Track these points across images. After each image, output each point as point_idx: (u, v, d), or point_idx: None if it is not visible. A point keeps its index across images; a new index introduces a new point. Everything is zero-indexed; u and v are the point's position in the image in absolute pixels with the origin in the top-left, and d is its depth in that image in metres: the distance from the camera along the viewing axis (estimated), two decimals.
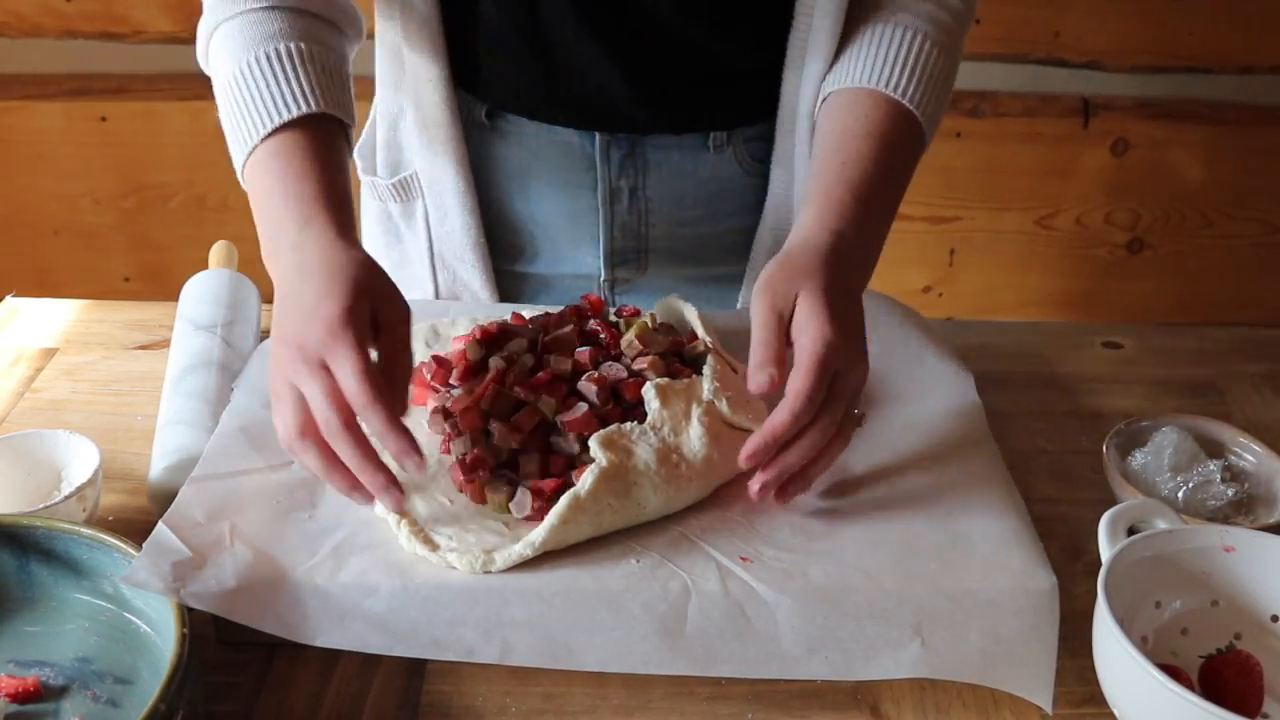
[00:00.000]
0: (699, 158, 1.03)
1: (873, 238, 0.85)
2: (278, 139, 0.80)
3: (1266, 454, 0.84)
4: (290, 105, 0.80)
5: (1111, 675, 0.64)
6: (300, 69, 0.82)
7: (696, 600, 0.69)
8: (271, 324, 0.74)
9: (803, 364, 0.72)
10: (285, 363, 0.71)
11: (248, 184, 0.82)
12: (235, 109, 0.83)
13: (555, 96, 0.99)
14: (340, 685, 0.69)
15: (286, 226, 0.76)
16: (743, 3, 0.95)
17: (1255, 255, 2.25)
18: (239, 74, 0.82)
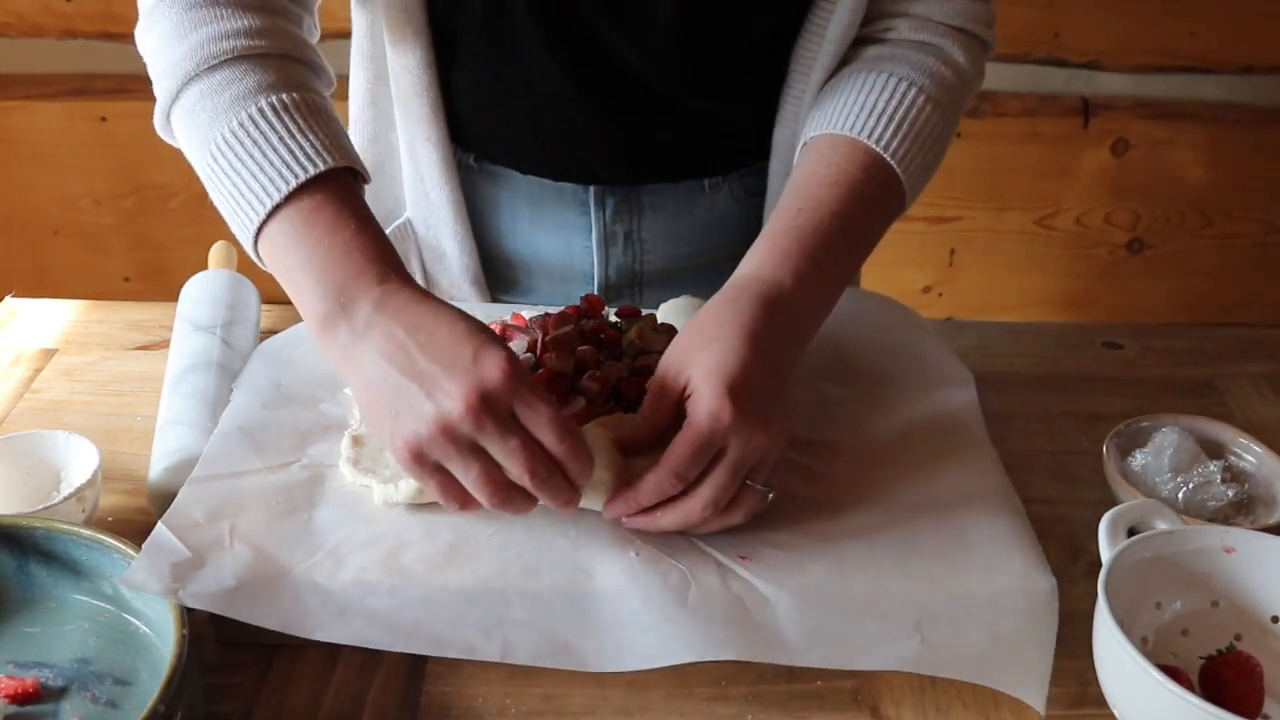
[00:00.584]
0: (695, 199, 1.02)
1: (817, 291, 0.78)
2: (308, 198, 0.72)
3: (1266, 454, 0.84)
4: (309, 160, 0.72)
5: (1111, 676, 0.64)
6: (307, 121, 0.74)
7: (696, 590, 0.69)
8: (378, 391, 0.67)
9: (681, 437, 0.69)
10: (463, 427, 0.64)
11: (270, 252, 0.74)
12: (238, 170, 0.74)
13: (549, 156, 0.98)
14: (340, 685, 0.69)
15: (358, 287, 0.69)
16: (737, 66, 0.94)
17: (1255, 255, 2.25)
18: (234, 133, 0.73)
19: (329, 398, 0.86)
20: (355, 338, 0.69)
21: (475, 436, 0.65)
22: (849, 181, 0.82)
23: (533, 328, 0.85)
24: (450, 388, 0.64)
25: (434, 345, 0.66)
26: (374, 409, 0.68)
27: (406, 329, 0.67)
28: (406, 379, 0.66)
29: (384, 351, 0.67)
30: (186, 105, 0.77)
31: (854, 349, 0.94)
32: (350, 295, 0.70)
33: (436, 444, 0.65)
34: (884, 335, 0.96)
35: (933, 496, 0.78)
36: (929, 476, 0.80)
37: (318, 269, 0.71)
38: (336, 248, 0.71)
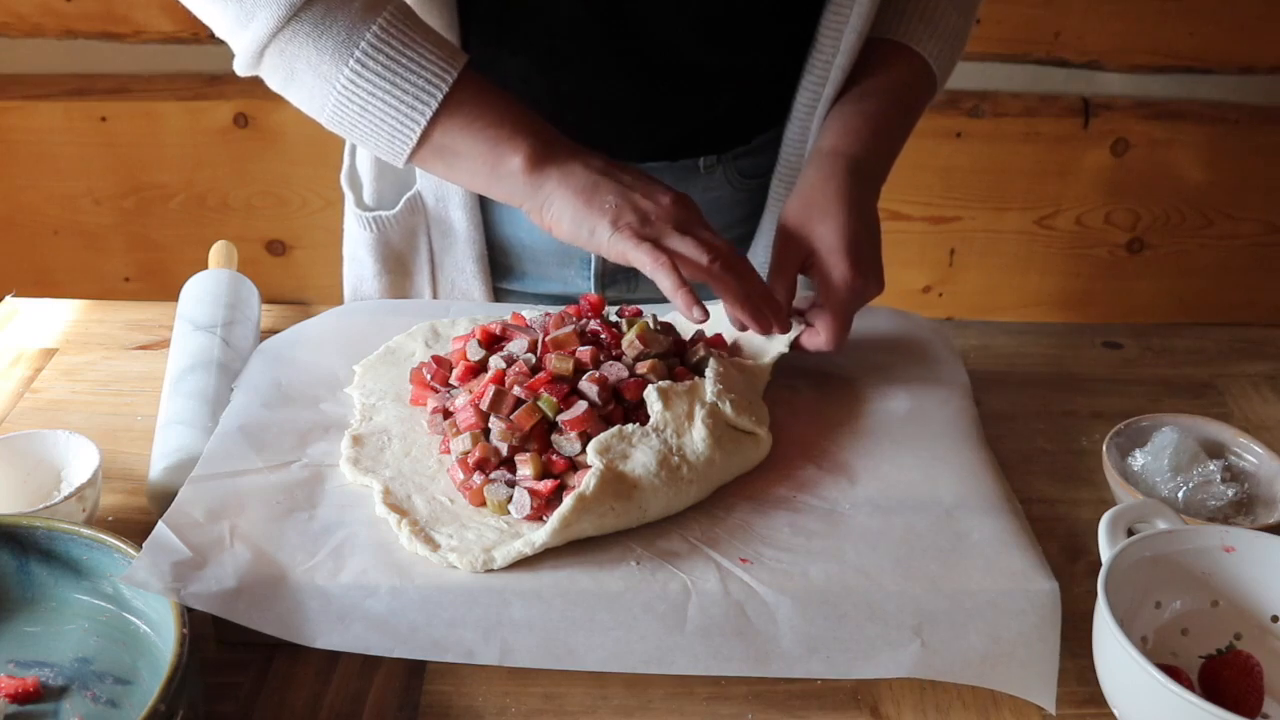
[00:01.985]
0: (690, 180, 1.04)
1: (883, 157, 0.96)
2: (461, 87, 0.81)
3: (1266, 454, 0.84)
4: (454, 54, 0.81)
5: (1111, 675, 0.64)
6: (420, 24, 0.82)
7: (696, 600, 0.69)
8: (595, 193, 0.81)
9: (833, 307, 0.86)
10: (678, 213, 0.82)
11: (450, 136, 0.82)
12: (389, 79, 0.79)
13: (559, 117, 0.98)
14: (340, 685, 0.69)
15: (549, 131, 0.84)
16: (764, 27, 0.96)
17: (1255, 255, 2.25)
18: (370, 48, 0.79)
19: (329, 398, 0.86)
20: (564, 163, 0.83)
21: (685, 223, 0.82)
22: (896, 73, 0.99)
23: (533, 328, 0.85)
24: (659, 191, 0.82)
25: (632, 171, 0.84)
26: (590, 209, 0.81)
27: (604, 160, 0.84)
28: (626, 184, 0.82)
29: (594, 169, 0.83)
30: (313, 20, 0.79)
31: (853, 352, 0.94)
32: (549, 137, 0.84)
33: (655, 225, 0.80)
34: (881, 338, 0.96)
35: (932, 498, 0.78)
36: (928, 478, 0.80)
37: (513, 122, 0.83)
38: (518, 107, 0.84)
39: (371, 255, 1.07)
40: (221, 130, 2.04)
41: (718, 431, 0.77)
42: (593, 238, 0.81)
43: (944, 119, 2.06)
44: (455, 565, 0.70)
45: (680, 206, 0.82)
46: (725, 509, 0.76)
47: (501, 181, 0.83)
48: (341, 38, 0.79)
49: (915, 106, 1.01)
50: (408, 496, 0.75)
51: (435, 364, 0.84)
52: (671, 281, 0.79)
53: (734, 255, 0.83)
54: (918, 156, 2.06)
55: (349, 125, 0.82)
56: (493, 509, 0.74)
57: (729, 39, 0.95)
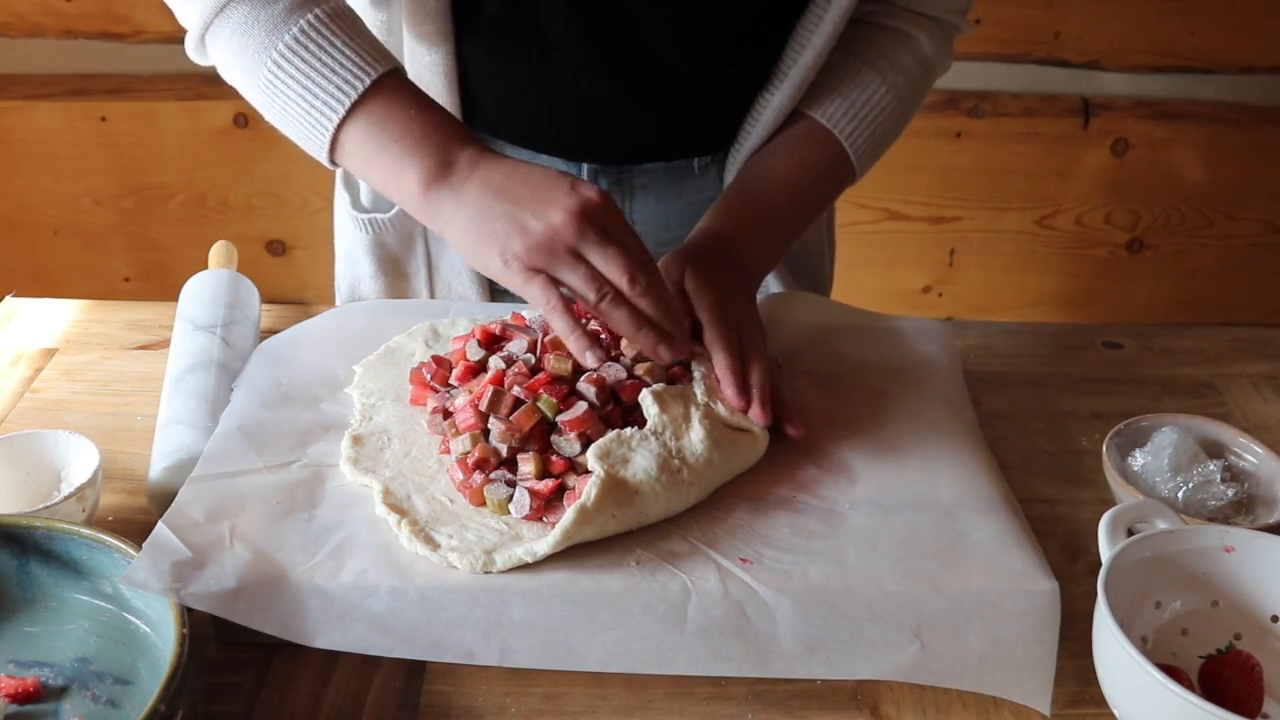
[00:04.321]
0: (684, 181, 1.04)
1: (762, 242, 0.92)
2: (374, 95, 0.79)
3: (1266, 454, 0.84)
4: (374, 60, 0.79)
5: (1111, 675, 0.64)
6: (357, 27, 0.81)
7: (696, 600, 0.69)
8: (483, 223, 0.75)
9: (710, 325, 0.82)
10: (567, 235, 0.73)
11: (356, 146, 0.80)
12: (301, 82, 0.79)
13: (555, 126, 0.99)
14: (340, 685, 0.69)
15: (455, 144, 0.79)
16: (747, 38, 0.96)
17: (1255, 255, 2.25)
18: (286, 50, 0.79)
19: (329, 397, 0.86)
20: (459, 184, 0.78)
21: (578, 244, 0.74)
22: (801, 154, 0.96)
23: (533, 328, 0.85)
24: (553, 206, 0.74)
25: (532, 181, 0.76)
26: (480, 240, 0.76)
27: (504, 173, 0.77)
28: (513, 206, 0.75)
29: (489, 189, 0.77)
30: (239, 18, 0.80)
31: (853, 352, 0.94)
32: (449, 154, 0.79)
33: (543, 252, 0.74)
34: (882, 338, 0.96)
35: (932, 498, 0.78)
36: (928, 478, 0.80)
37: (415, 137, 0.79)
38: (424, 120, 0.79)
39: (368, 257, 1.07)
40: (221, 130, 2.04)
41: (715, 432, 0.77)
42: (487, 269, 0.76)
43: (944, 119, 2.06)
44: (455, 565, 0.70)
45: (575, 221, 0.74)
46: (725, 509, 0.76)
47: (403, 199, 0.80)
48: (264, 34, 0.79)
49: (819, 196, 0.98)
50: (408, 496, 0.75)
51: (435, 364, 0.84)
52: (564, 324, 0.76)
53: (633, 278, 0.75)
54: (918, 157, 2.07)
55: (277, 121, 0.82)
56: (493, 509, 0.74)
57: (711, 52, 0.96)
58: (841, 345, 0.94)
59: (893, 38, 0.97)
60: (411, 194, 0.78)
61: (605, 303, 0.75)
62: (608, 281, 0.75)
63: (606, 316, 0.75)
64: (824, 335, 0.95)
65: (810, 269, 1.14)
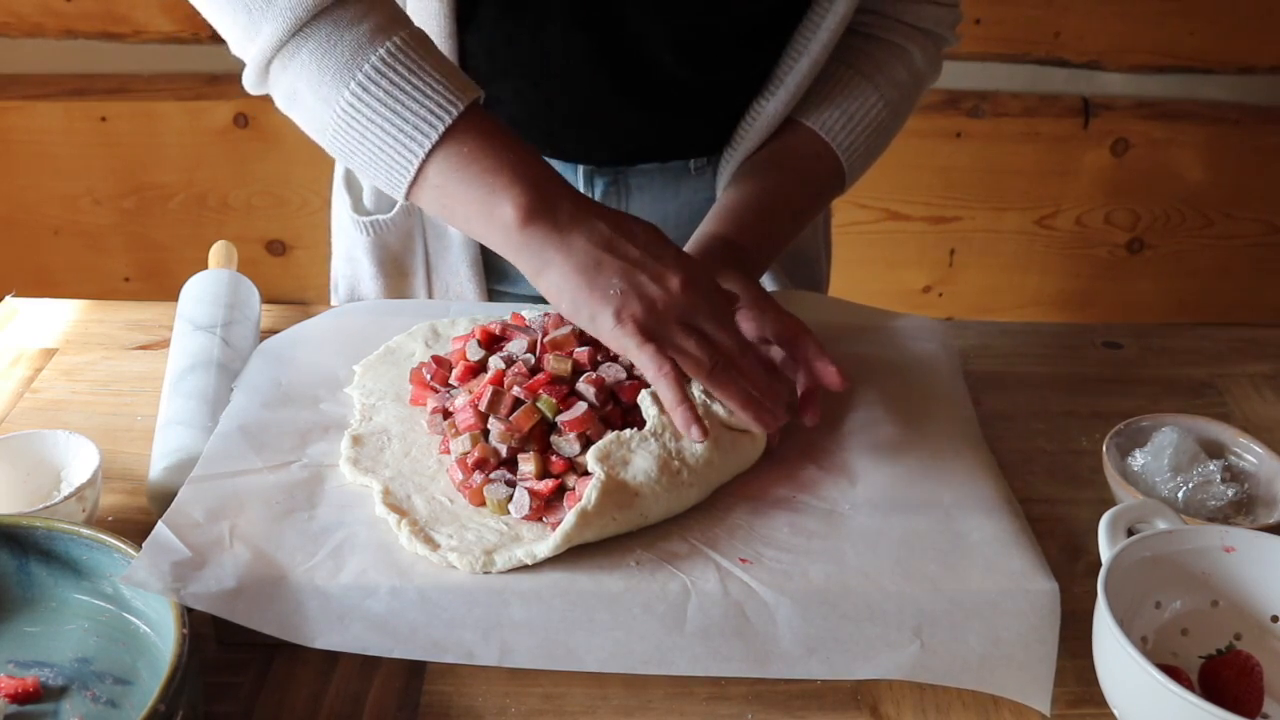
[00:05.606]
0: (681, 182, 1.05)
1: (760, 247, 0.93)
2: (464, 126, 0.75)
3: (1266, 454, 0.84)
4: (461, 88, 0.75)
5: (1111, 676, 0.64)
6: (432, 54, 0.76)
7: (696, 600, 0.69)
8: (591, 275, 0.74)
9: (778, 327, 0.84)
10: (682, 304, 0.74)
11: (445, 178, 0.75)
12: (390, 107, 0.74)
13: (552, 129, 0.99)
14: (340, 685, 0.69)
15: (554, 185, 0.76)
16: (746, 45, 0.97)
17: (1255, 255, 2.25)
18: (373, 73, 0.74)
19: (329, 397, 0.86)
20: (561, 229, 0.75)
21: (691, 315, 0.75)
22: (797, 163, 0.97)
23: (533, 328, 0.85)
24: (668, 274, 0.74)
25: (640, 241, 0.75)
26: (590, 292, 0.74)
27: (610, 225, 0.75)
28: (626, 266, 0.74)
29: (597, 240, 0.74)
30: (314, 44, 0.74)
31: (853, 352, 0.94)
32: (550, 191, 0.75)
33: (660, 318, 0.73)
34: (882, 338, 0.96)
35: (932, 498, 0.78)
36: (928, 478, 0.80)
37: (511, 169, 0.75)
38: (521, 153, 0.76)
39: (369, 258, 1.07)
40: (221, 130, 2.04)
41: (714, 432, 0.77)
42: (593, 324, 0.74)
43: (944, 119, 2.06)
44: (455, 565, 0.70)
45: (689, 290, 0.75)
46: (725, 509, 0.76)
47: (494, 233, 0.76)
48: (345, 59, 0.74)
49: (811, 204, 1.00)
50: (407, 496, 0.75)
51: (435, 364, 0.84)
52: (674, 396, 0.74)
53: (736, 349, 0.76)
54: (918, 157, 2.07)
55: (349, 153, 0.77)
56: (492, 509, 0.74)
57: (708, 59, 0.96)
58: (841, 345, 0.94)
59: (887, 50, 0.98)
60: (507, 228, 0.75)
61: (718, 372, 0.75)
62: (719, 351, 0.75)
63: (719, 386, 0.75)
64: (824, 334, 0.95)
65: (807, 270, 1.14)
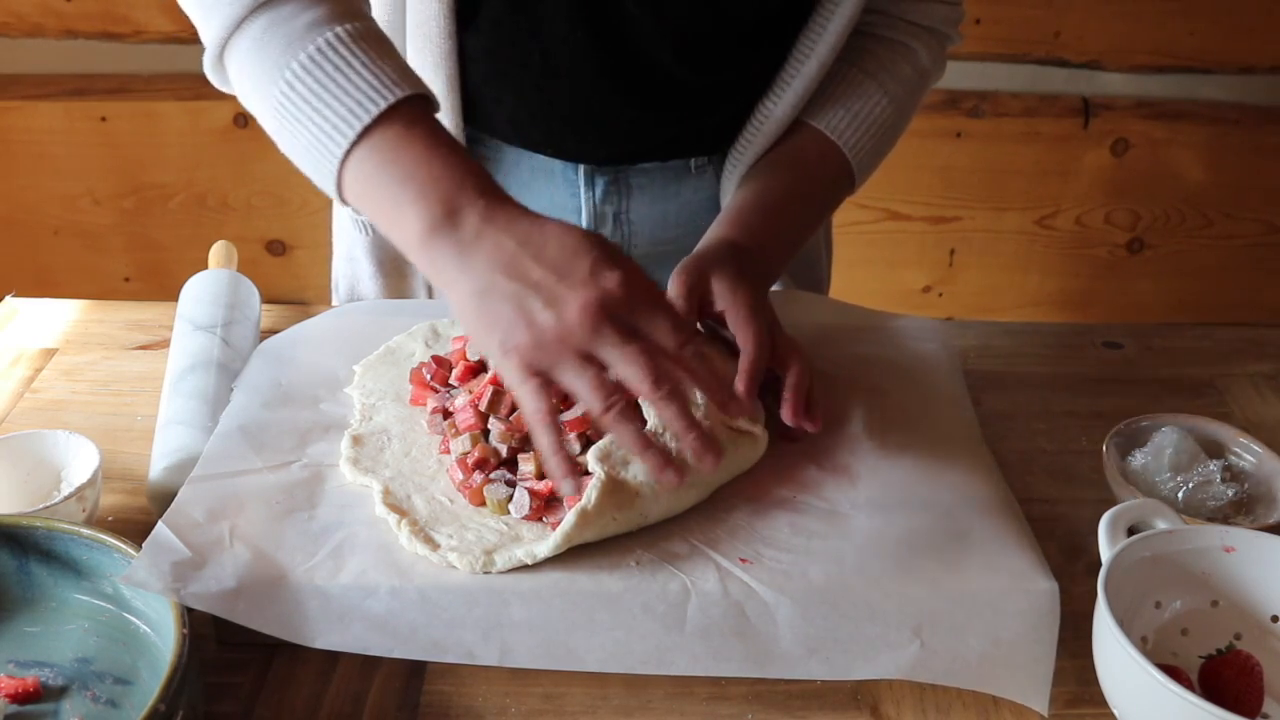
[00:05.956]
0: (682, 180, 1.04)
1: (770, 249, 0.91)
2: (388, 126, 0.71)
3: (1266, 454, 0.84)
4: (394, 84, 0.71)
5: (1111, 675, 0.64)
6: (381, 47, 0.73)
7: (696, 600, 0.69)
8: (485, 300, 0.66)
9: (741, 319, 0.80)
10: (579, 336, 0.64)
11: (360, 173, 0.72)
12: (312, 104, 0.72)
13: (552, 128, 0.99)
14: (340, 685, 0.69)
15: (464, 197, 0.69)
16: (750, 47, 0.96)
17: (1255, 255, 2.25)
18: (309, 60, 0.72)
19: (329, 397, 0.86)
20: (462, 248, 0.68)
21: (592, 345, 0.65)
22: (806, 164, 0.96)
23: None
24: (568, 296, 0.65)
25: (547, 257, 0.66)
26: (482, 319, 0.67)
27: (518, 240, 0.67)
28: (522, 288, 0.66)
29: (496, 262, 0.67)
30: (252, 35, 0.74)
31: (853, 352, 0.94)
32: (456, 205, 0.69)
33: (549, 352, 0.65)
34: (881, 339, 0.96)
35: (932, 498, 0.78)
36: (928, 479, 0.80)
37: (420, 181, 0.70)
38: (435, 162, 0.70)
39: (368, 257, 1.07)
40: (221, 130, 2.04)
41: (715, 433, 0.77)
42: (487, 354, 0.69)
43: (944, 119, 2.06)
44: (455, 565, 0.70)
45: (590, 320, 0.64)
46: (726, 509, 0.76)
47: (403, 248, 0.71)
48: (279, 51, 0.73)
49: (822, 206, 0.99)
50: (407, 496, 0.75)
51: (435, 364, 0.84)
52: (547, 443, 0.67)
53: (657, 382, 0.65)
54: (918, 157, 2.07)
55: (287, 149, 0.75)
56: (492, 509, 0.74)
57: (710, 60, 0.96)
58: (841, 345, 0.94)
59: (891, 49, 0.98)
60: (411, 243, 0.70)
61: (610, 417, 0.66)
62: (619, 389, 0.66)
63: (613, 430, 0.66)
64: (824, 335, 0.95)
65: (808, 270, 1.14)
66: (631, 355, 0.65)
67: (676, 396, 0.66)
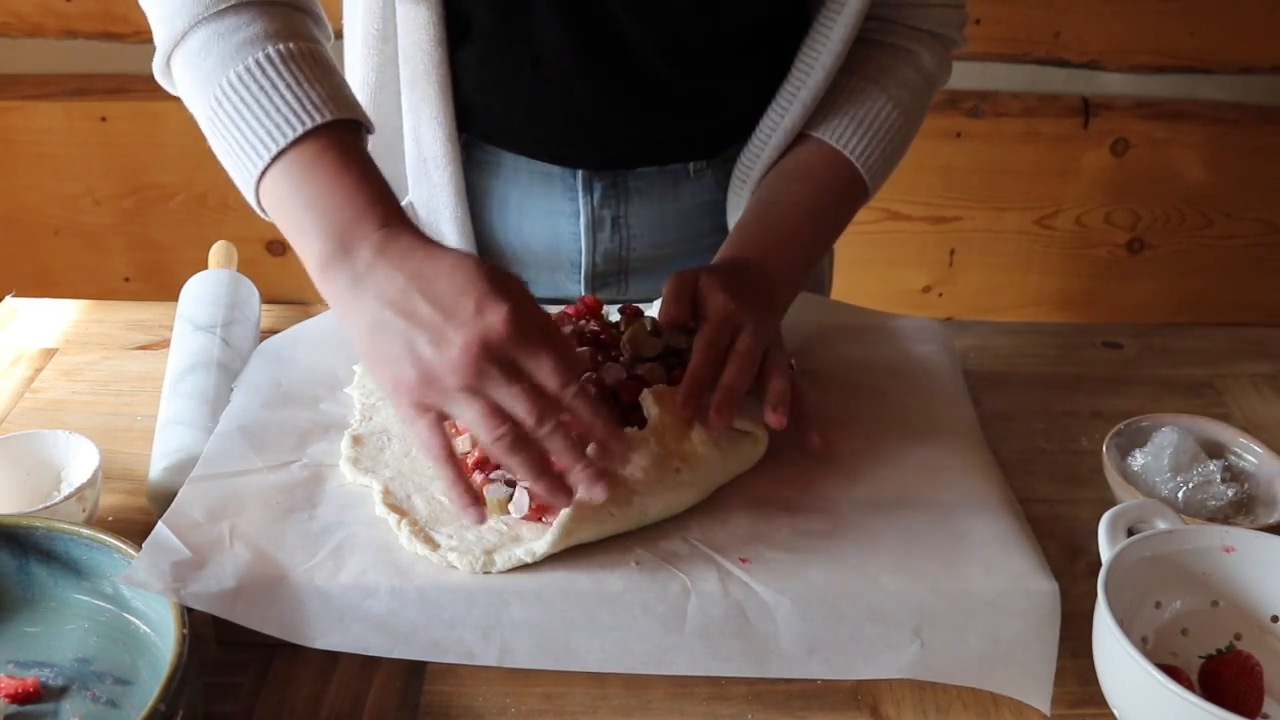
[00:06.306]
0: (680, 184, 1.04)
1: (782, 266, 0.88)
2: (302, 150, 0.72)
3: (1266, 454, 0.84)
4: (315, 109, 0.72)
5: (1111, 676, 0.64)
6: (312, 71, 0.74)
7: (696, 601, 0.69)
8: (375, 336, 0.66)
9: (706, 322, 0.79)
10: (463, 374, 0.64)
11: (272, 197, 0.73)
12: (243, 116, 0.73)
13: (547, 136, 0.99)
14: (340, 685, 0.69)
15: (359, 229, 0.69)
16: (744, 52, 0.96)
17: (1255, 255, 2.25)
18: (237, 80, 0.73)
19: (329, 397, 0.86)
20: (356, 281, 0.68)
21: (475, 383, 0.65)
22: (814, 176, 0.94)
23: None
24: (453, 336, 0.64)
25: (435, 293, 0.66)
26: (372, 354, 0.68)
27: (408, 275, 0.67)
28: (409, 325, 0.66)
29: (385, 297, 0.67)
30: (192, 48, 0.76)
31: (852, 353, 0.94)
32: (351, 238, 0.69)
33: (436, 389, 0.65)
34: (881, 339, 0.96)
35: (932, 498, 0.78)
36: (928, 478, 0.80)
37: (319, 211, 0.70)
38: (339, 191, 0.70)
39: None
40: None
41: (715, 433, 0.77)
42: (382, 389, 0.69)
43: (944, 119, 2.06)
44: (455, 565, 0.70)
45: (474, 361, 0.64)
46: (725, 509, 0.76)
47: (308, 270, 0.71)
48: (213, 67, 0.74)
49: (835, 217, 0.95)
50: (407, 496, 0.75)
51: None
52: (446, 477, 0.68)
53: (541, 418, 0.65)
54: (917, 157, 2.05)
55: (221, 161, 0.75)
56: (492, 509, 0.74)
57: (705, 68, 0.95)
58: (841, 345, 0.94)
59: (894, 54, 0.96)
60: (311, 271, 0.70)
61: (502, 448, 0.66)
62: (508, 419, 0.65)
63: (508, 460, 0.67)
64: (824, 335, 0.95)
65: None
66: (515, 395, 0.65)
67: (560, 432, 0.66)
